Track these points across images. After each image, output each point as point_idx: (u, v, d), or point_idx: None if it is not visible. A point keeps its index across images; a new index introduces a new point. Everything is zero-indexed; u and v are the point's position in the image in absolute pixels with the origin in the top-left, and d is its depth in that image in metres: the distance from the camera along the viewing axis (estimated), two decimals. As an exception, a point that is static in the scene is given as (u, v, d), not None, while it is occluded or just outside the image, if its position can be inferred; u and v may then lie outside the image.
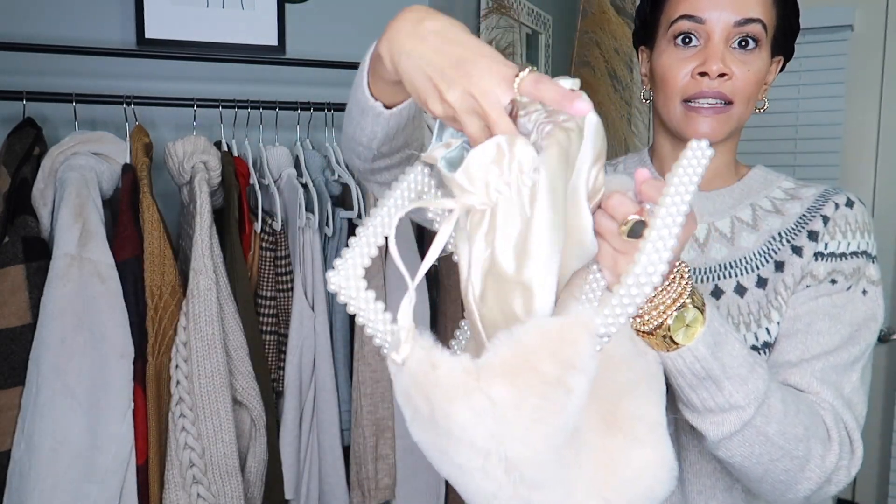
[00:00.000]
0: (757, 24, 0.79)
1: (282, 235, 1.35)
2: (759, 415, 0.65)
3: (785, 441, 0.67)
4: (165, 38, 1.39)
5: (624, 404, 0.55)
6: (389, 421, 1.40)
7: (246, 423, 1.26)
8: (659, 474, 0.54)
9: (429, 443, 0.52)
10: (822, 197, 0.84)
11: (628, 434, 0.54)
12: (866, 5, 2.18)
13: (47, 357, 1.05)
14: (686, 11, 0.79)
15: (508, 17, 2.08)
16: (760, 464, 0.68)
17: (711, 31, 0.78)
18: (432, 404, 0.49)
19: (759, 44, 0.80)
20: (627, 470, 0.53)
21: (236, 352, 1.23)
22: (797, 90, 2.27)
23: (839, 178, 2.24)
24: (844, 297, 0.78)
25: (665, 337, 0.60)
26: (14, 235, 1.08)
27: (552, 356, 0.48)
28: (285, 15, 1.51)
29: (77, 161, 1.14)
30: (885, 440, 2.20)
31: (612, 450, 0.54)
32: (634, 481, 0.53)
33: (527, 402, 0.47)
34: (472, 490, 0.52)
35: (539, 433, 0.49)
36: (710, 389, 0.64)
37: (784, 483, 0.70)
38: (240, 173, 1.32)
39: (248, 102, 1.35)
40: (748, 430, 0.65)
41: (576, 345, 0.48)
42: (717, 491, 0.82)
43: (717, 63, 0.77)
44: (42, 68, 1.29)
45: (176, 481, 1.16)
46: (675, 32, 0.80)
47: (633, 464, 0.54)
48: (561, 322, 0.49)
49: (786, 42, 0.87)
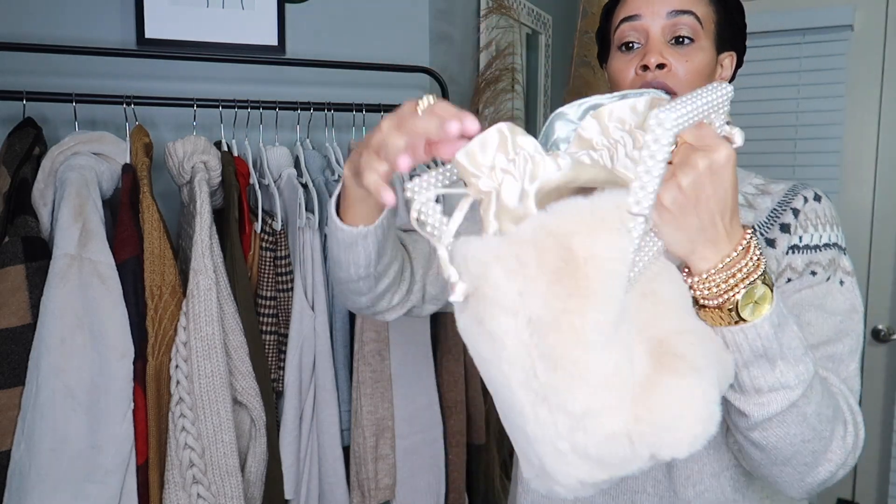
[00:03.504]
0: (689, 16, 0.84)
1: (282, 235, 1.35)
2: (804, 395, 0.66)
3: (818, 422, 0.68)
4: (165, 38, 1.39)
5: (671, 344, 0.56)
6: (389, 421, 1.40)
7: (246, 423, 1.26)
8: (697, 413, 0.55)
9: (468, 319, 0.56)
10: (791, 192, 0.88)
11: (669, 367, 0.55)
12: (866, 5, 2.18)
13: (47, 357, 1.05)
14: (625, 14, 0.86)
15: (508, 17, 2.08)
16: (792, 444, 0.69)
17: (648, 27, 0.84)
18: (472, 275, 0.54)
19: (697, 37, 0.85)
20: (661, 396, 0.54)
21: (236, 352, 1.23)
22: (797, 90, 2.27)
23: (839, 178, 2.24)
24: (825, 287, 0.81)
25: (731, 310, 0.62)
26: (14, 235, 1.08)
27: (578, 226, 0.52)
28: (285, 15, 1.51)
29: (77, 161, 1.14)
30: (885, 440, 2.20)
31: (652, 376, 0.55)
32: (665, 407, 0.54)
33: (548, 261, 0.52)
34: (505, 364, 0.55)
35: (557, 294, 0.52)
36: (762, 367, 0.65)
37: (807, 466, 0.71)
38: (240, 173, 1.31)
39: (248, 102, 1.35)
40: (791, 410, 0.66)
41: (602, 217, 0.52)
42: (704, 476, 0.84)
43: (654, 56, 0.82)
44: (42, 68, 1.29)
45: (176, 481, 1.16)
46: (619, 41, 0.87)
47: (668, 392, 0.54)
48: (592, 199, 0.53)
49: (734, 38, 0.92)
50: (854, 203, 2.24)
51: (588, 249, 0.52)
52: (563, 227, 0.52)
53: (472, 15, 1.98)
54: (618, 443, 0.53)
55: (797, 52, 2.25)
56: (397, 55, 1.66)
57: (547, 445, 0.54)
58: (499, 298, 0.53)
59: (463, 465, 1.54)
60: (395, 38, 1.67)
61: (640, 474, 0.86)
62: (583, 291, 0.52)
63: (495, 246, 0.54)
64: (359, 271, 0.78)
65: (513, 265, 0.53)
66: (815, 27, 2.20)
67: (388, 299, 0.86)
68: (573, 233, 0.52)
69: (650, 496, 0.86)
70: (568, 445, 0.54)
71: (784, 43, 2.26)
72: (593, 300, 0.52)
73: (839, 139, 2.23)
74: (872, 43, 2.19)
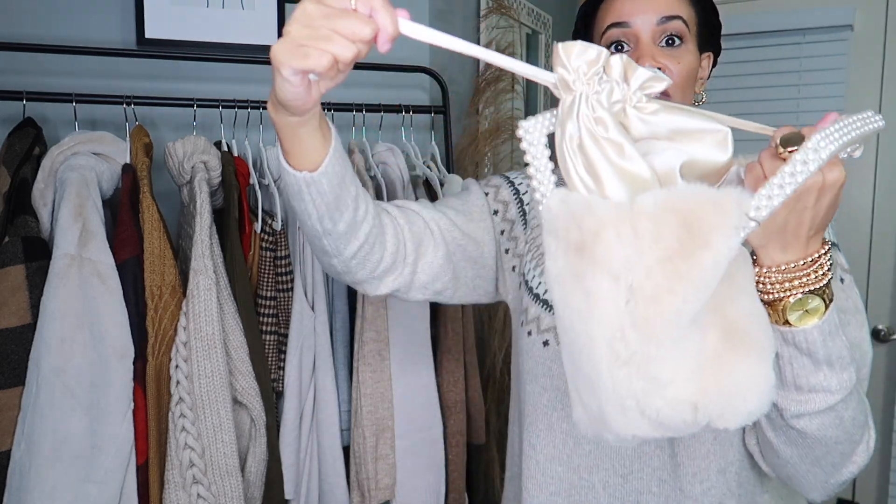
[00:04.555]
0: (678, 21, 0.85)
1: (282, 235, 1.35)
2: (843, 402, 0.68)
3: (853, 426, 0.70)
4: (165, 38, 1.39)
5: (742, 325, 0.59)
6: (389, 421, 1.40)
7: (246, 423, 1.26)
8: (756, 387, 0.57)
9: (565, 270, 0.58)
10: None
11: (739, 347, 0.58)
12: (866, 5, 2.18)
13: (47, 357, 1.05)
14: (612, 20, 0.86)
15: (508, 17, 2.08)
16: (825, 445, 0.71)
17: (639, 33, 0.85)
18: (583, 231, 0.56)
19: (684, 39, 0.86)
20: (729, 372, 0.57)
21: (236, 352, 1.23)
22: (797, 90, 2.27)
23: (839, 178, 2.24)
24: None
25: (782, 311, 0.64)
26: (14, 235, 1.08)
27: (701, 211, 0.53)
28: (285, 15, 1.51)
29: (77, 161, 1.14)
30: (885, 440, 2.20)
31: (722, 352, 0.57)
32: (732, 384, 0.57)
33: (664, 239, 0.53)
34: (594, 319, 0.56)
35: (665, 272, 0.54)
36: (806, 367, 0.66)
37: (833, 466, 0.73)
38: (240, 173, 1.32)
39: (248, 102, 1.35)
40: (829, 412, 0.68)
41: (725, 209, 0.53)
42: (711, 473, 0.84)
43: (648, 60, 0.83)
44: (42, 68, 1.29)
45: (176, 481, 1.16)
46: (607, 43, 0.87)
47: (736, 370, 0.57)
48: (718, 191, 0.54)
49: (711, 38, 0.93)
50: (854, 203, 2.24)
51: (706, 239, 0.54)
52: (686, 210, 0.54)
53: (472, 15, 1.98)
54: (683, 410, 0.56)
55: (797, 52, 2.25)
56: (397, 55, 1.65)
57: (614, 401, 0.57)
58: (606, 261, 0.55)
59: (463, 465, 1.54)
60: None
61: (645, 475, 0.86)
62: (691, 277, 0.54)
63: (614, 209, 0.55)
64: (315, 225, 0.75)
65: (627, 233, 0.54)
66: (815, 27, 2.20)
67: (364, 266, 0.82)
68: (695, 219, 0.54)
69: (655, 496, 0.86)
70: (635, 405, 0.56)
71: (784, 43, 2.26)
72: (698, 285, 0.54)
73: (839, 139, 2.23)
74: (872, 43, 2.19)
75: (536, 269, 0.94)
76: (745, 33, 2.27)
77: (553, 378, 0.91)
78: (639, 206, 0.55)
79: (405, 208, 0.90)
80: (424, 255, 0.88)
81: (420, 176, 1.55)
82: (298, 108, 0.63)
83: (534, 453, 0.93)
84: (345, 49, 0.56)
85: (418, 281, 0.88)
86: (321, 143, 0.71)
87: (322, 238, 0.77)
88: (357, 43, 0.57)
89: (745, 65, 2.30)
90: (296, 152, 0.71)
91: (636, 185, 0.57)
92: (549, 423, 0.92)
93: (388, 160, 1.48)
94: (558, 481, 0.91)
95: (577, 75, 0.58)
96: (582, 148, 0.58)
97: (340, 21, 0.56)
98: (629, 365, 0.56)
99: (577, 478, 0.90)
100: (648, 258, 0.54)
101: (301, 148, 0.70)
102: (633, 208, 0.55)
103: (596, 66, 0.58)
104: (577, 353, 0.59)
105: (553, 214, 0.59)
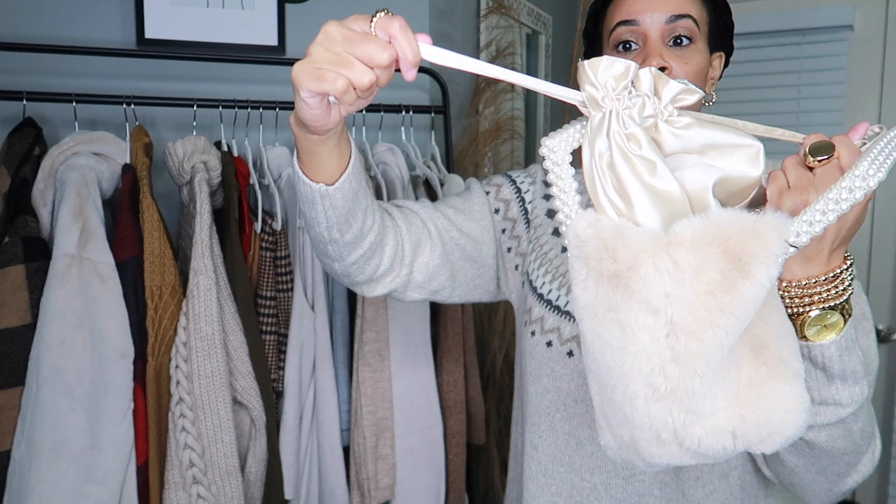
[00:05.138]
0: (687, 20, 0.84)
1: (282, 235, 1.35)
2: (853, 414, 0.68)
3: (861, 438, 0.71)
4: (165, 38, 1.39)
5: (773, 346, 0.58)
6: (389, 421, 1.40)
7: (246, 423, 1.26)
8: (794, 411, 0.56)
9: (597, 301, 0.56)
10: None
11: (773, 370, 0.57)
12: (866, 5, 2.18)
13: (47, 357, 1.05)
14: (621, 18, 0.85)
15: (508, 17, 2.08)
16: (832, 456, 0.71)
17: (647, 32, 0.84)
18: (618, 262, 0.53)
19: (694, 39, 0.85)
20: (766, 398, 0.56)
21: (236, 352, 1.23)
22: (797, 90, 2.27)
23: (839, 178, 2.24)
24: None
25: (801, 326, 0.63)
26: (14, 235, 1.08)
27: (742, 241, 0.52)
28: (285, 15, 1.51)
29: (77, 161, 1.14)
30: (885, 440, 2.20)
31: (756, 377, 0.56)
32: (770, 410, 0.56)
33: (706, 272, 0.52)
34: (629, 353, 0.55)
35: (707, 306, 0.52)
36: (819, 381, 0.66)
37: (839, 476, 0.74)
38: (240, 173, 1.31)
39: (248, 102, 1.35)
40: (839, 425, 0.68)
41: (766, 239, 0.52)
42: (713, 477, 0.84)
43: (656, 59, 0.82)
44: (42, 68, 1.29)
45: (176, 481, 1.16)
46: (616, 41, 0.87)
47: (773, 395, 0.56)
48: (757, 217, 0.53)
49: (722, 38, 0.92)
50: (854, 203, 2.24)
51: (748, 271, 0.52)
52: (727, 241, 0.52)
53: (472, 15, 1.98)
54: (724, 439, 0.55)
55: (797, 52, 2.25)
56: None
57: (649, 433, 0.56)
58: (644, 294, 0.53)
59: (463, 465, 1.54)
60: (395, 38, 1.67)
61: (647, 477, 0.86)
62: (734, 310, 0.52)
63: (649, 239, 0.54)
64: (322, 233, 0.76)
65: (667, 265, 0.53)
66: (815, 27, 2.20)
67: (363, 271, 0.82)
68: (737, 250, 0.52)
69: (657, 499, 0.86)
70: (673, 437, 0.55)
71: (784, 43, 2.26)
72: (739, 317, 0.52)
73: (839, 139, 2.23)
74: (872, 43, 2.19)
75: (541, 268, 0.94)
76: (745, 33, 2.27)
77: (556, 379, 0.90)
78: (676, 235, 0.53)
79: (404, 208, 0.91)
80: (421, 254, 0.88)
81: (420, 176, 1.55)
82: (317, 128, 0.64)
83: (536, 454, 0.93)
84: (362, 75, 0.56)
85: (415, 280, 0.88)
86: (338, 160, 0.71)
87: (327, 244, 0.78)
88: (376, 69, 0.57)
89: (745, 65, 2.29)
90: (313, 166, 0.71)
91: (667, 206, 0.55)
92: (551, 424, 0.92)
93: (388, 160, 1.48)
94: (560, 482, 0.91)
95: (605, 91, 0.57)
96: (612, 167, 0.56)
97: (360, 46, 0.56)
98: (668, 399, 0.54)
99: (579, 479, 0.90)
100: (689, 292, 0.52)
101: (318, 163, 0.71)
102: (669, 238, 0.53)
103: (625, 80, 0.56)
104: (610, 387, 0.57)
105: (582, 240, 0.57)
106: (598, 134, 0.57)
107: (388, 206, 0.89)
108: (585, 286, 0.56)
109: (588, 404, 0.89)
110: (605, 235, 0.55)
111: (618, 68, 0.57)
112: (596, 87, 0.57)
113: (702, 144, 0.57)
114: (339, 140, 0.70)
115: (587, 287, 0.56)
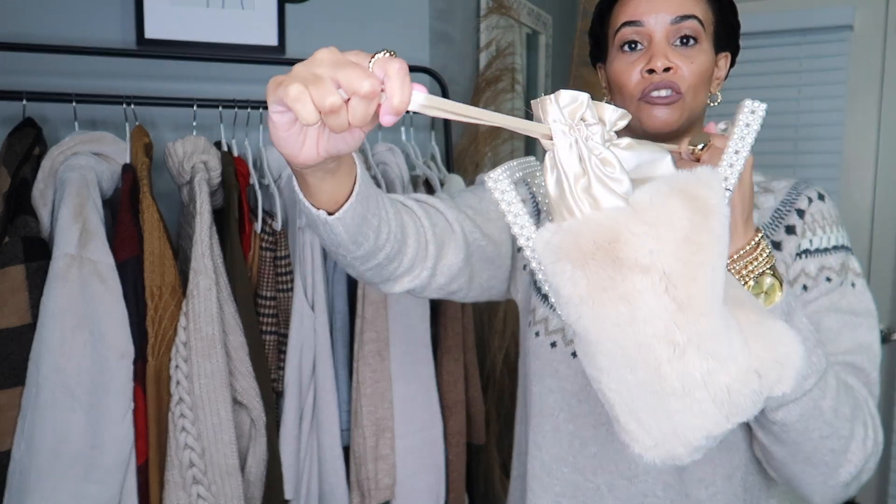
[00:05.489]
0: (693, 21, 0.84)
1: (282, 235, 1.35)
2: (818, 387, 0.69)
3: (835, 418, 0.71)
4: (165, 38, 1.39)
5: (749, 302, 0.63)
6: (389, 421, 1.40)
7: (246, 423, 1.26)
8: (792, 343, 0.60)
9: (591, 286, 0.57)
10: (794, 190, 0.89)
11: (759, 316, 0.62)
12: (866, 5, 2.18)
13: (47, 357, 1.05)
14: (627, 18, 0.86)
15: (508, 17, 2.08)
16: (810, 440, 0.72)
17: (652, 32, 0.85)
18: (597, 243, 0.56)
19: (699, 39, 0.86)
20: (767, 337, 0.60)
21: (236, 352, 1.23)
22: (797, 90, 2.27)
23: (839, 179, 2.24)
24: (839, 292, 0.83)
25: None
26: (14, 235, 1.08)
27: (693, 187, 0.58)
28: (285, 15, 1.51)
29: (77, 161, 1.14)
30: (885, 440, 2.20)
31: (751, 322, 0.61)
32: (775, 345, 0.59)
33: (676, 221, 0.56)
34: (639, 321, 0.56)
35: (689, 248, 0.56)
36: None
37: (828, 466, 0.74)
38: (240, 173, 1.32)
39: (248, 102, 1.35)
40: (805, 400, 0.70)
41: (709, 181, 0.58)
42: (717, 478, 0.84)
43: (661, 59, 0.83)
44: (42, 68, 1.29)
45: (176, 481, 1.16)
46: (621, 41, 0.87)
47: (770, 333, 0.60)
48: (692, 171, 0.59)
49: (728, 38, 0.93)
50: (854, 203, 2.24)
51: (709, 208, 0.57)
52: (684, 190, 0.57)
53: (472, 15, 1.98)
54: (750, 380, 0.57)
55: (797, 52, 2.25)
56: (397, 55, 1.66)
57: (683, 399, 0.57)
58: (633, 257, 0.56)
59: (463, 465, 1.54)
60: (395, 38, 1.67)
61: (651, 478, 0.86)
62: (711, 243, 0.57)
63: (615, 213, 0.57)
64: (329, 247, 0.72)
65: (641, 228, 0.56)
66: (815, 27, 2.20)
67: (380, 275, 0.79)
68: (693, 194, 0.57)
69: (661, 499, 0.86)
70: (706, 394, 0.57)
71: (784, 43, 2.26)
72: (718, 251, 0.57)
73: (839, 139, 2.23)
74: (872, 43, 2.19)
75: None
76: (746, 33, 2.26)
77: (560, 379, 0.90)
78: (637, 203, 0.57)
79: (429, 206, 0.86)
80: (445, 256, 0.84)
81: (420, 176, 1.55)
82: (290, 158, 0.56)
83: (539, 454, 0.93)
84: (326, 92, 0.48)
85: (436, 283, 0.85)
86: (335, 190, 0.64)
87: (336, 256, 0.74)
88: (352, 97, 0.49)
89: (745, 65, 2.29)
90: (307, 192, 0.64)
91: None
92: (555, 425, 0.92)
93: (387, 160, 1.48)
94: (563, 482, 0.91)
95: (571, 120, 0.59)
96: (589, 191, 0.58)
97: (342, 70, 0.49)
98: (688, 349, 0.56)
99: (583, 479, 0.90)
100: (669, 242, 0.56)
101: (312, 190, 0.64)
102: (632, 207, 0.57)
103: (581, 110, 0.59)
104: (631, 369, 0.57)
105: (556, 244, 0.58)
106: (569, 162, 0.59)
107: (412, 203, 0.84)
108: (574, 280, 0.58)
109: (592, 404, 0.88)
110: (574, 229, 0.57)
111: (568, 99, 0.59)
112: (559, 120, 0.59)
113: (636, 163, 0.63)
114: (336, 172, 0.63)
115: (576, 280, 0.57)
